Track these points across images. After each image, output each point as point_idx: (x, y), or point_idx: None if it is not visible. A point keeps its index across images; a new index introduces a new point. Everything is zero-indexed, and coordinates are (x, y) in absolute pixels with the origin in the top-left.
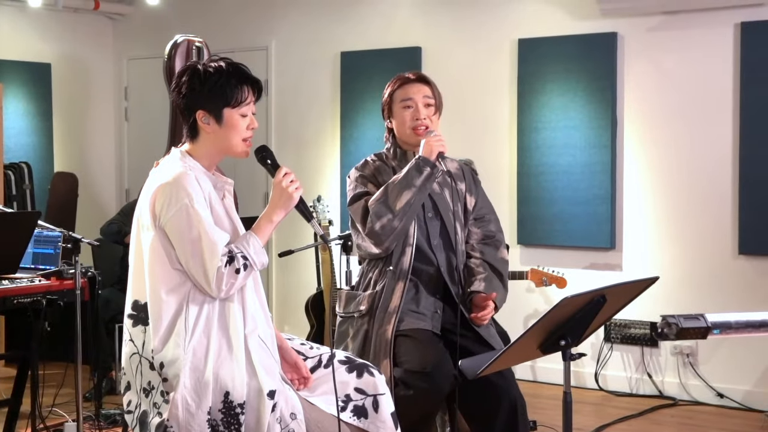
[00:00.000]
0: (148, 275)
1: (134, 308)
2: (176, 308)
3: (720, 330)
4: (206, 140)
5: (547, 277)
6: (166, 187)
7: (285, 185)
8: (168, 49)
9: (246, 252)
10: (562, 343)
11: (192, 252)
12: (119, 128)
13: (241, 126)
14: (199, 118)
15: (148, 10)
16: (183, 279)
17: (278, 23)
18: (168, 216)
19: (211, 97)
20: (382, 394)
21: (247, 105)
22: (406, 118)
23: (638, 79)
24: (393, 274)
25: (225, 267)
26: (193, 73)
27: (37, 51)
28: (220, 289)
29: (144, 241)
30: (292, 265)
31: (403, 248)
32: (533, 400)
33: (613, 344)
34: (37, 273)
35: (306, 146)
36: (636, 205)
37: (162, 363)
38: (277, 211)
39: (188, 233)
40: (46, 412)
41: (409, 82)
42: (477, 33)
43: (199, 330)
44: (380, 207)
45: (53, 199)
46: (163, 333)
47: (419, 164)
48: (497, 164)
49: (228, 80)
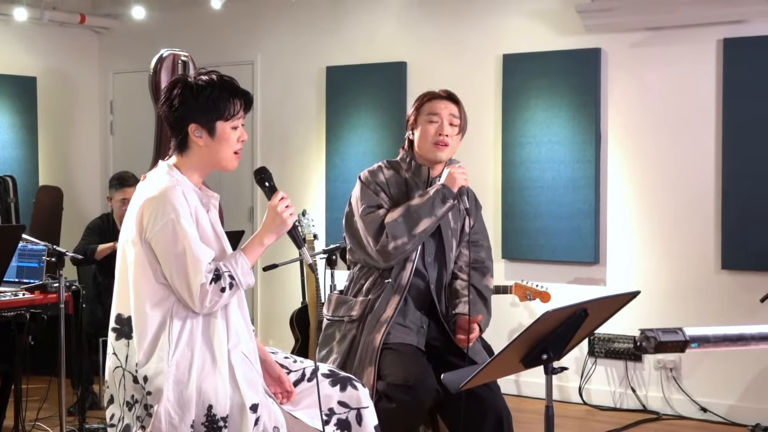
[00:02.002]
0: (133, 289)
1: (117, 322)
2: (160, 322)
3: (698, 344)
4: (197, 153)
5: (531, 291)
6: (152, 201)
7: (280, 210)
8: (153, 63)
9: (234, 272)
10: (544, 357)
11: (176, 267)
12: (104, 142)
13: (232, 138)
14: (192, 132)
15: (133, 24)
16: (167, 293)
17: (264, 38)
18: (154, 230)
19: (203, 110)
20: (365, 407)
21: (238, 118)
22: (430, 132)
23: (622, 94)
24: (391, 287)
25: (210, 284)
26: (185, 86)
27: (22, 64)
28: (204, 305)
29: (129, 254)
30: (277, 278)
31: (404, 263)
32: (517, 414)
33: (597, 358)
34: (21, 287)
35: (291, 160)
36: (620, 220)
37: (146, 377)
38: (268, 234)
39: (173, 248)
40: (29, 426)
41: (439, 98)
42: (462, 48)
43: (182, 343)
44: (399, 228)
45: (38, 212)
46: (148, 347)
47: (444, 195)
48: (482, 179)
49: (220, 93)
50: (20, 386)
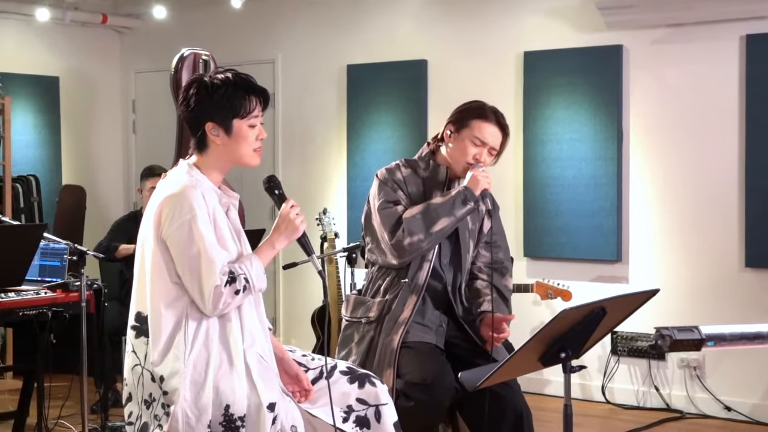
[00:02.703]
0: (149, 287)
1: (137, 320)
2: (175, 321)
3: (714, 342)
4: (215, 152)
5: (552, 290)
6: (171, 200)
7: (292, 217)
8: (175, 62)
9: (248, 274)
10: (562, 356)
11: (190, 268)
12: (127, 141)
13: (250, 137)
14: (209, 130)
15: (155, 23)
16: (181, 293)
17: (284, 37)
18: (170, 230)
19: (219, 108)
20: (384, 404)
21: (255, 116)
22: (468, 153)
23: (643, 91)
24: (408, 286)
25: (225, 286)
26: (200, 85)
27: (45, 64)
28: (216, 308)
29: (147, 252)
30: (298, 277)
31: (421, 263)
32: (538, 413)
33: (619, 357)
34: (43, 285)
35: (312, 159)
36: (642, 218)
37: (162, 376)
38: (281, 239)
39: (188, 249)
40: (52, 424)
41: (491, 124)
42: (482, 45)
43: (199, 343)
44: (416, 224)
45: (61, 211)
46: (162, 346)
47: (466, 196)
48: (503, 177)
49: (236, 91)
50: (42, 384)
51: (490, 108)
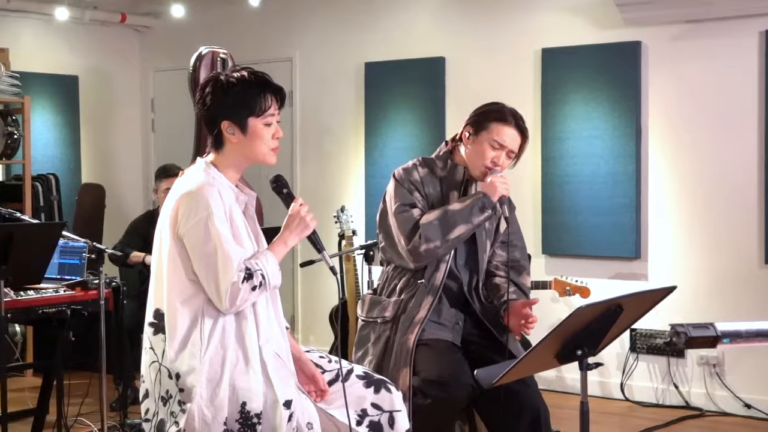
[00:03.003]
0: (166, 284)
1: (155, 317)
2: (191, 319)
3: (730, 339)
4: (232, 150)
5: (570, 287)
6: (188, 197)
7: (303, 214)
8: (193, 60)
9: (265, 270)
10: (578, 353)
11: (206, 265)
12: (146, 139)
13: (266, 135)
14: (224, 129)
15: (173, 22)
16: (197, 290)
17: (302, 35)
18: (187, 227)
19: (235, 106)
20: (398, 410)
21: (271, 114)
22: (486, 156)
23: (662, 87)
24: (424, 287)
25: (242, 283)
26: (217, 83)
27: (64, 63)
28: (233, 304)
29: (164, 249)
30: (317, 275)
31: (438, 264)
32: (558, 411)
33: (638, 354)
34: (62, 283)
35: (330, 156)
36: (661, 214)
37: (178, 373)
38: (292, 236)
39: (204, 246)
40: (71, 421)
41: (510, 125)
42: (500, 42)
43: (215, 341)
44: (433, 231)
45: (81, 210)
46: (178, 343)
47: (484, 204)
48: (521, 174)
49: (251, 89)
50: (62, 382)
51: (509, 110)
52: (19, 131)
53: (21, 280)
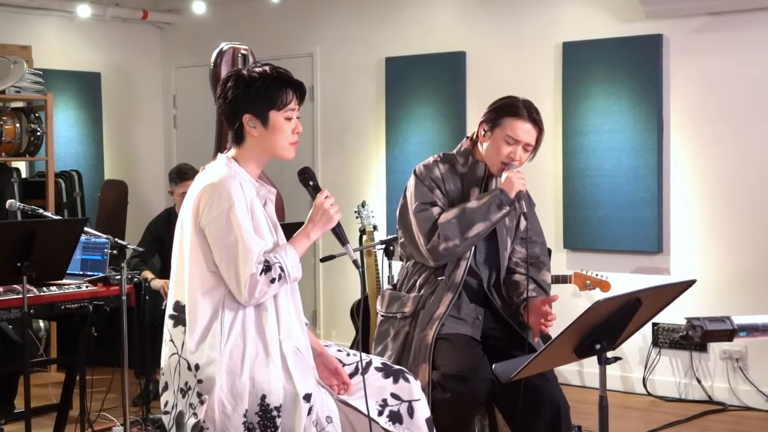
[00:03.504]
0: (187, 276)
1: (175, 309)
2: (212, 310)
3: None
4: (252, 144)
5: (590, 280)
6: (210, 189)
7: (326, 207)
8: (214, 57)
9: (283, 263)
10: (597, 347)
11: (227, 257)
12: (168, 136)
13: (286, 129)
14: (246, 122)
15: (194, 18)
16: (218, 282)
17: (322, 30)
18: (208, 218)
19: (256, 100)
20: (417, 399)
21: (292, 108)
22: (502, 152)
23: (684, 81)
24: (444, 284)
25: (260, 275)
26: (238, 78)
27: (86, 61)
28: (252, 296)
29: (185, 241)
30: (338, 270)
31: (458, 261)
32: (579, 405)
33: (661, 349)
34: (84, 279)
35: (351, 152)
36: (683, 208)
37: (198, 365)
38: (315, 229)
39: (225, 238)
40: (94, 416)
41: (523, 119)
42: (521, 36)
43: (235, 333)
44: (452, 230)
45: (103, 206)
46: (199, 335)
47: (501, 201)
48: (542, 168)
49: (272, 83)
50: (84, 377)
51: (523, 103)
52: (42, 128)
53: (43, 276)
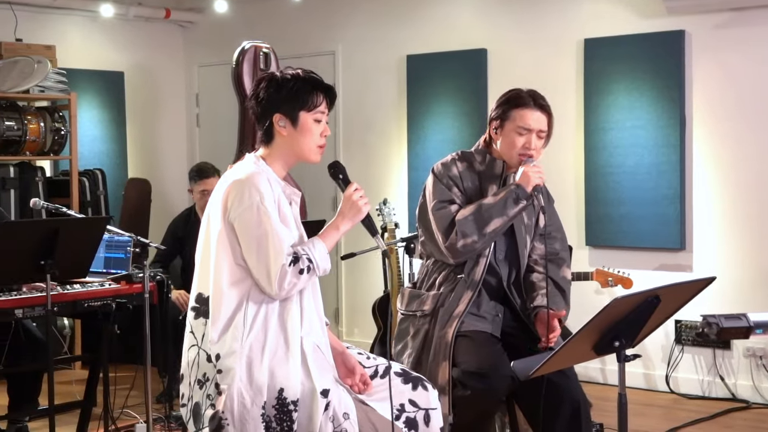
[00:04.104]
0: (213, 267)
1: (197, 301)
2: (237, 302)
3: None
4: (281, 144)
5: (612, 277)
6: (238, 184)
7: (355, 199)
8: (236, 55)
9: (311, 255)
10: (616, 344)
11: (257, 249)
12: (191, 134)
13: (315, 131)
14: (276, 122)
15: (217, 17)
16: (245, 275)
17: (344, 28)
18: (238, 211)
19: (287, 100)
20: (434, 408)
21: (322, 111)
22: (516, 144)
23: (706, 77)
24: (464, 282)
25: (289, 266)
26: (271, 79)
27: (109, 60)
28: (282, 288)
29: (213, 234)
30: (361, 267)
31: (477, 259)
32: (602, 403)
33: (684, 346)
34: (107, 277)
35: (373, 149)
36: (706, 205)
37: (218, 354)
38: (345, 221)
39: (256, 230)
40: (117, 413)
41: (530, 107)
42: (542, 33)
43: (257, 326)
44: (469, 226)
45: (126, 204)
46: (222, 325)
47: (518, 195)
48: (564, 165)
49: (304, 85)
50: (107, 374)
51: (527, 93)
52: (66, 127)
53: (67, 274)
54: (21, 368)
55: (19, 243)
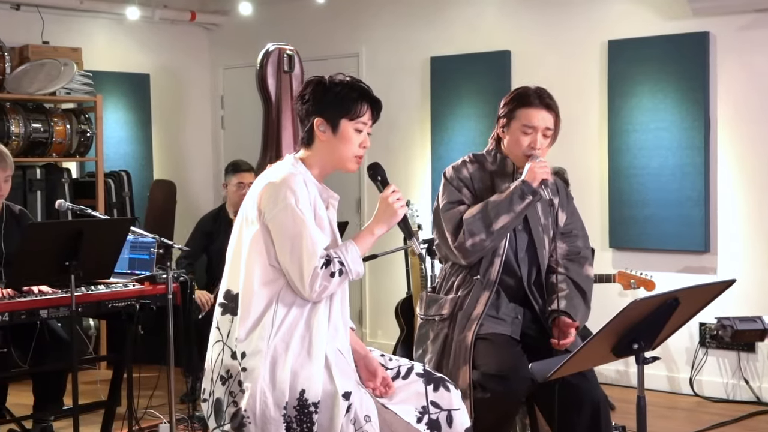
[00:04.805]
0: (245, 266)
1: (225, 297)
2: (267, 302)
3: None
4: (319, 148)
5: (635, 279)
6: (273, 186)
7: (391, 201)
8: (260, 57)
9: (343, 258)
10: (635, 347)
11: (291, 250)
12: (216, 136)
13: (354, 140)
14: (316, 125)
15: (241, 19)
16: (277, 276)
17: (368, 30)
18: (273, 213)
19: (331, 105)
20: (456, 409)
21: (364, 122)
22: (522, 143)
23: (731, 78)
24: (480, 283)
25: (321, 268)
26: (319, 82)
27: (135, 62)
28: (313, 290)
29: (246, 234)
30: (385, 268)
31: (492, 258)
32: (625, 405)
33: (708, 349)
34: (132, 278)
35: (396, 151)
36: (730, 207)
37: (244, 353)
38: (380, 224)
39: (290, 231)
40: (141, 413)
41: (535, 106)
42: (566, 35)
43: (284, 328)
44: (476, 224)
45: (152, 206)
46: (251, 324)
47: (523, 191)
48: (588, 167)
49: (350, 93)
50: (131, 374)
51: (533, 91)
52: (92, 129)
53: (91, 275)
54: (45, 368)
55: (44, 244)
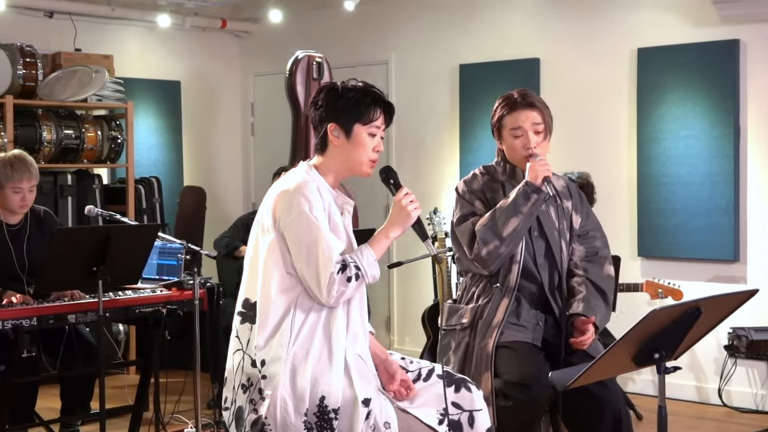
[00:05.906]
0: (262, 275)
1: (244, 306)
2: (284, 309)
3: None
4: (334, 154)
5: (662, 289)
6: (287, 194)
7: (405, 204)
8: (289, 65)
9: (359, 262)
10: (656, 356)
11: (307, 256)
12: (246, 143)
13: (368, 145)
14: (330, 131)
15: (272, 27)
16: (294, 283)
17: (397, 37)
18: (287, 220)
19: (344, 111)
20: (478, 410)
21: (377, 126)
22: (517, 147)
23: (761, 86)
24: (499, 290)
25: (337, 274)
26: (331, 88)
27: (166, 69)
28: (330, 295)
29: (262, 243)
30: (412, 276)
31: (510, 265)
32: (651, 415)
33: (737, 359)
34: (159, 284)
35: (425, 158)
36: (760, 216)
37: (264, 360)
38: (394, 227)
39: (305, 238)
40: (168, 418)
41: (518, 108)
42: (595, 42)
43: (303, 334)
44: (487, 233)
45: (182, 212)
46: (269, 331)
47: (526, 191)
48: (617, 175)
49: (363, 98)
50: (158, 379)
51: (512, 95)
52: (123, 136)
53: (119, 280)
54: (73, 372)
55: (72, 249)
